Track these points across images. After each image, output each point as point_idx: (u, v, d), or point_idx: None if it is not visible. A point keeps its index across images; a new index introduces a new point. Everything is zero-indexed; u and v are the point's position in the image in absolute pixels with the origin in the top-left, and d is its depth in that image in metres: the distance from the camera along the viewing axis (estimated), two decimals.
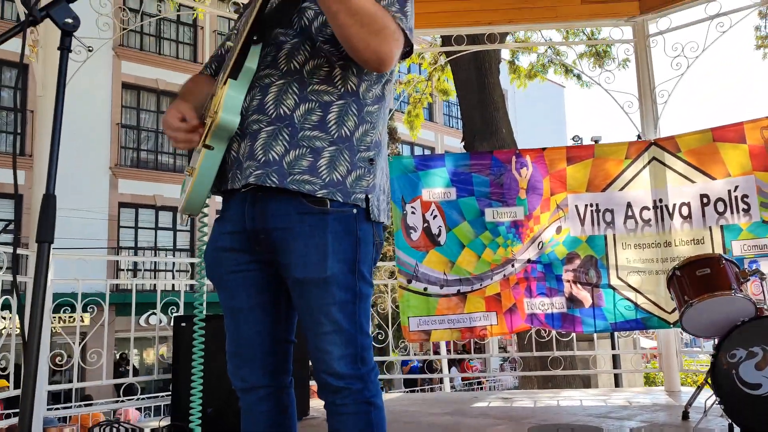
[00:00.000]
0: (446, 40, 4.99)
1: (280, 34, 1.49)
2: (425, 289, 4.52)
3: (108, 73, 17.03)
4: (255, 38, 1.46)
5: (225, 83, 1.45)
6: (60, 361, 3.98)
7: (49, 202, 1.16)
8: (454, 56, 5.59)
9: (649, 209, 4.33)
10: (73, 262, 4.13)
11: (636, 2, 4.67)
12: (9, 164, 15.27)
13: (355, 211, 1.45)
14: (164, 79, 17.99)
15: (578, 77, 9.87)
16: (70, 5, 1.21)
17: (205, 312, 1.69)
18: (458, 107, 9.57)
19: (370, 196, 1.48)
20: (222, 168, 1.50)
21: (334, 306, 1.41)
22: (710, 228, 4.12)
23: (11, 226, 15.43)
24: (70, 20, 1.19)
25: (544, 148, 4.60)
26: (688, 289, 3.06)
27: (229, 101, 1.44)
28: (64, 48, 1.19)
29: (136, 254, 17.46)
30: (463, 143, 8.46)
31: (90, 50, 1.24)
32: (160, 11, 4.47)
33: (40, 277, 1.11)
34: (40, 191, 3.52)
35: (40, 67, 3.58)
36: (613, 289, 4.33)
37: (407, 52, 1.46)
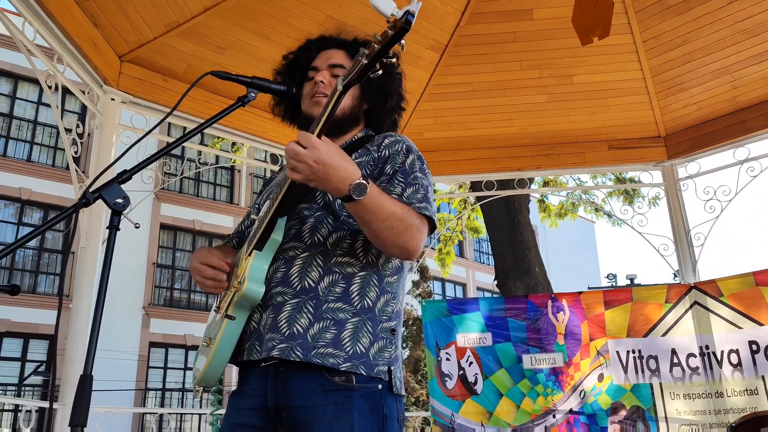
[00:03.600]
0: (476, 185, 5.09)
1: (304, 208, 1.54)
2: None
3: (147, 216, 17.66)
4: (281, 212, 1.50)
5: (250, 254, 1.48)
6: None
7: (85, 384, 1.13)
8: (485, 200, 5.69)
9: (695, 356, 4.14)
10: (101, 414, 4.04)
11: (663, 148, 4.76)
12: (46, 305, 15.53)
13: (380, 386, 1.43)
14: (201, 220, 18.59)
15: (609, 215, 9.92)
16: (122, 186, 1.25)
17: None
18: (489, 243, 9.61)
19: (392, 368, 1.47)
20: (239, 338, 1.50)
21: None
22: (763, 377, 3.89)
23: (43, 368, 15.40)
24: (120, 200, 1.23)
25: (580, 292, 4.52)
26: None
27: (255, 272, 1.45)
28: (113, 227, 1.22)
29: (163, 396, 17.15)
30: (495, 282, 8.42)
31: (138, 227, 1.28)
32: (200, 158, 4.69)
33: None
34: (75, 337, 3.53)
35: (85, 220, 3.70)
36: None
37: (431, 230, 1.52)
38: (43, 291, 16.10)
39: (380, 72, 1.27)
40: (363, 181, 1.31)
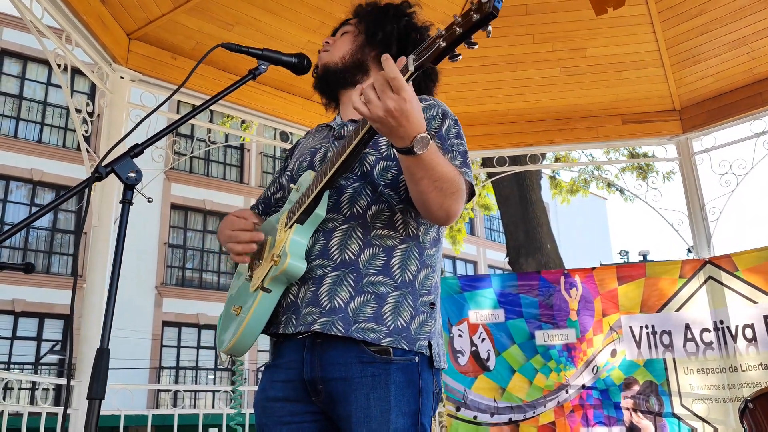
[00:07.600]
0: (487, 161, 5.05)
1: (341, 178, 1.50)
2: (475, 417, 4.31)
3: (158, 196, 17.71)
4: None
5: (291, 227, 1.44)
6: None
7: (102, 357, 1.13)
8: (497, 177, 5.65)
9: (709, 331, 4.12)
10: (117, 390, 4.08)
11: (677, 121, 4.69)
12: (60, 285, 15.69)
13: (417, 359, 1.40)
14: (211, 200, 18.64)
15: (621, 191, 9.83)
16: (134, 160, 1.24)
17: None
18: (500, 221, 9.57)
19: (432, 342, 1.44)
20: (273, 310, 1.47)
21: None
22: None
23: (58, 347, 15.61)
24: (133, 174, 1.22)
25: (593, 268, 4.50)
26: (764, 423, 2.83)
27: (295, 247, 1.42)
28: (126, 201, 1.20)
29: (177, 374, 17.36)
30: (507, 259, 8.40)
31: (150, 201, 1.28)
32: (210, 137, 4.66)
33: None
34: (90, 315, 3.56)
35: (96, 199, 3.70)
36: (678, 418, 4.05)
37: (470, 196, 1.46)
38: (56, 271, 16.24)
39: (459, 57, 1.16)
40: (427, 135, 1.23)
